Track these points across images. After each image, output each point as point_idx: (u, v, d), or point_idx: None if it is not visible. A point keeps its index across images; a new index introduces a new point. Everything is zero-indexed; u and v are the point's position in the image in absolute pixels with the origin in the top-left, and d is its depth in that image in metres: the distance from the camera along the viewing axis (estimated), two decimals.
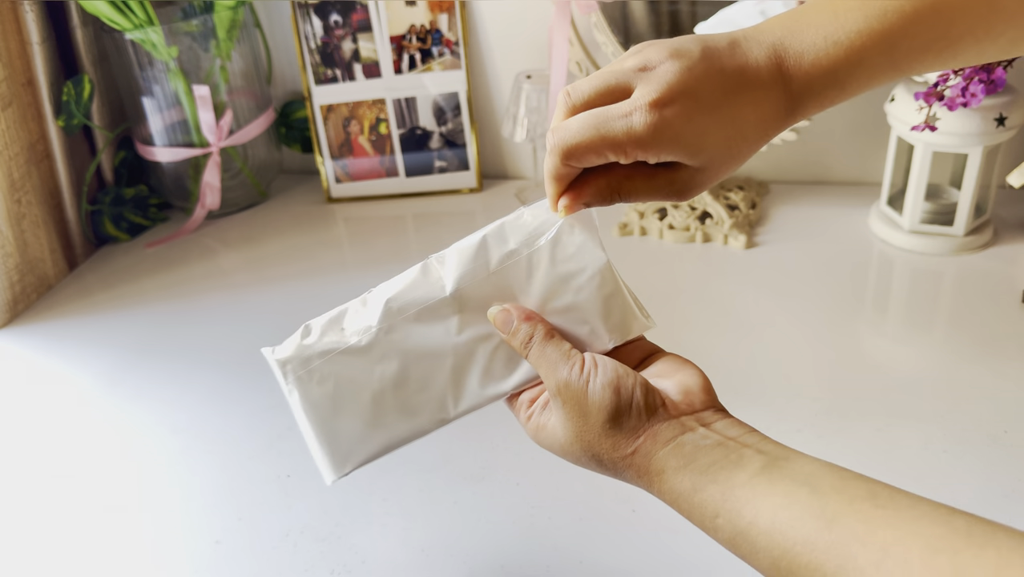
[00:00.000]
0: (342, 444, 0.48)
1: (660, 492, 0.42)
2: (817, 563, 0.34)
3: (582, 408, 0.43)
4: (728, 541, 0.39)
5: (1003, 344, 0.76)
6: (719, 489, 0.39)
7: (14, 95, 0.93)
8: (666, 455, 0.41)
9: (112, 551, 0.62)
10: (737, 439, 0.41)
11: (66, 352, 0.86)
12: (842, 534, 0.34)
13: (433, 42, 1.06)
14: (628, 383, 0.43)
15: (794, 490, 0.37)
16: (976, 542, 0.31)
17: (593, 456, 0.43)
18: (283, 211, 1.12)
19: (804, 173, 1.06)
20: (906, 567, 0.32)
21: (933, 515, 0.33)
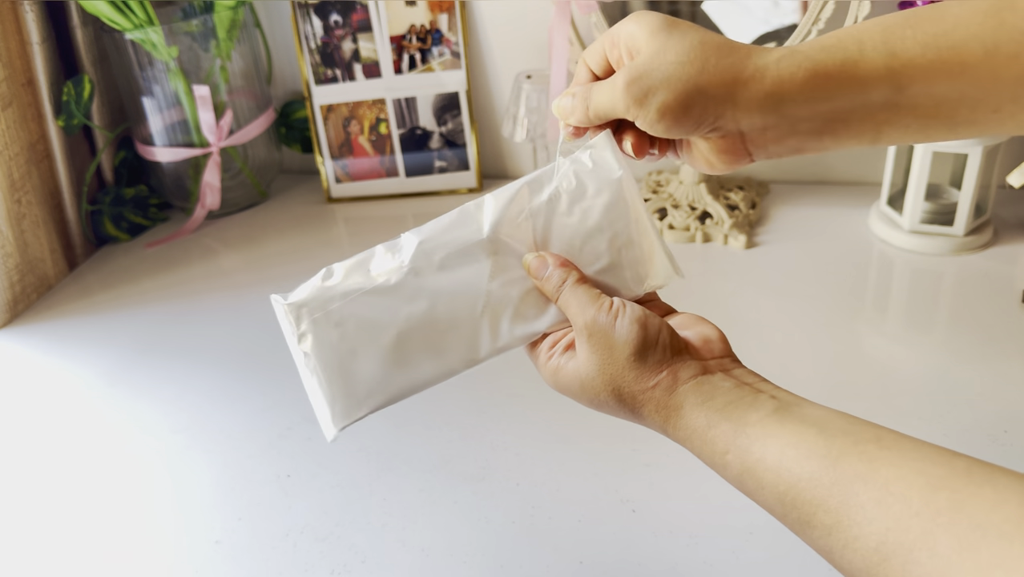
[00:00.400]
0: (358, 387, 0.48)
1: (675, 427, 0.43)
2: (820, 498, 0.36)
3: (608, 341, 0.44)
4: (735, 477, 0.40)
5: (1003, 344, 0.76)
6: (731, 426, 0.40)
7: (14, 95, 0.93)
8: (686, 391, 0.43)
9: (112, 551, 0.62)
10: (753, 385, 0.43)
11: (66, 352, 0.86)
12: (846, 472, 0.35)
13: (433, 42, 1.06)
14: (655, 322, 0.44)
15: (803, 431, 0.38)
16: (975, 481, 0.32)
17: (614, 389, 0.44)
18: (283, 211, 1.12)
19: (804, 173, 1.06)
20: (906, 503, 0.33)
21: (935, 457, 0.34)
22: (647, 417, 0.44)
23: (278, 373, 0.80)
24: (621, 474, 0.64)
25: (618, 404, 0.44)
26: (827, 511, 0.35)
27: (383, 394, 0.48)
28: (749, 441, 0.39)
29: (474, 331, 0.48)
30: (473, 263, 0.48)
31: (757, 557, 0.57)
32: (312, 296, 0.50)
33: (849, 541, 0.34)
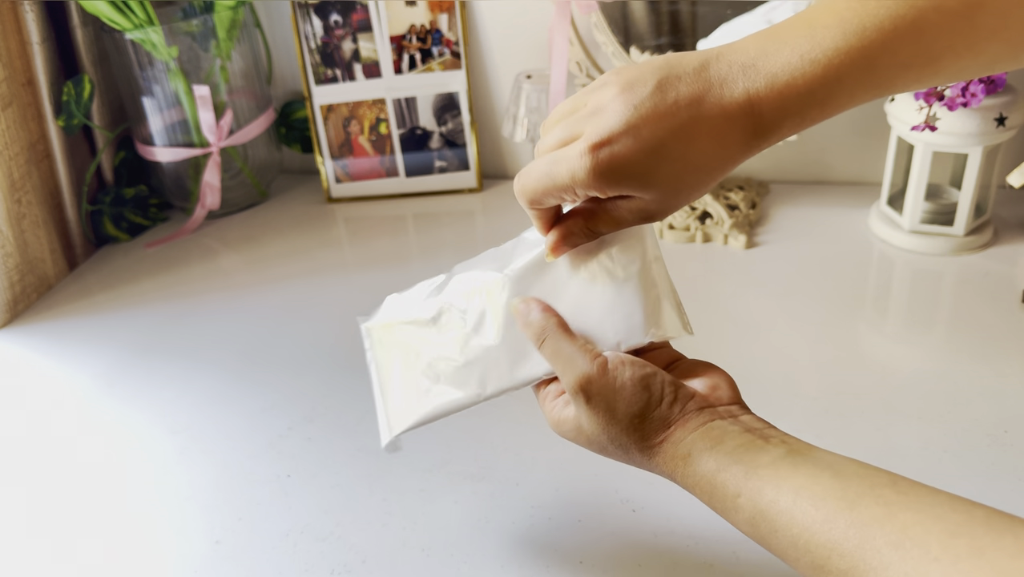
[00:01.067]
0: (397, 405, 0.53)
1: (684, 475, 0.42)
2: (835, 542, 0.35)
3: (609, 404, 0.43)
4: (747, 521, 0.39)
5: (1003, 344, 0.76)
6: (742, 469, 0.40)
7: (14, 95, 0.93)
8: (694, 439, 0.42)
9: (112, 551, 0.62)
10: (762, 430, 0.42)
11: (66, 352, 0.86)
12: (863, 514, 0.35)
13: (433, 42, 1.06)
14: (657, 380, 0.44)
15: (817, 473, 0.38)
16: (995, 529, 0.32)
17: (619, 446, 0.44)
18: (283, 211, 1.12)
19: (804, 173, 1.06)
20: (925, 548, 0.32)
21: (953, 503, 0.34)
22: (656, 468, 0.44)
23: (278, 373, 0.80)
24: (621, 474, 0.64)
25: (626, 457, 0.45)
26: (842, 555, 0.34)
27: (413, 417, 0.52)
28: (762, 483, 0.39)
29: (484, 368, 0.50)
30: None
31: (757, 558, 0.57)
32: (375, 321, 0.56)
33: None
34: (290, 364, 0.81)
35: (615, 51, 0.98)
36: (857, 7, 0.38)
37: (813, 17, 0.40)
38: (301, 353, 0.82)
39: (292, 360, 0.82)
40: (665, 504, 0.61)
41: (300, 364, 0.81)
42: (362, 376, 0.77)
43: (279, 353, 0.83)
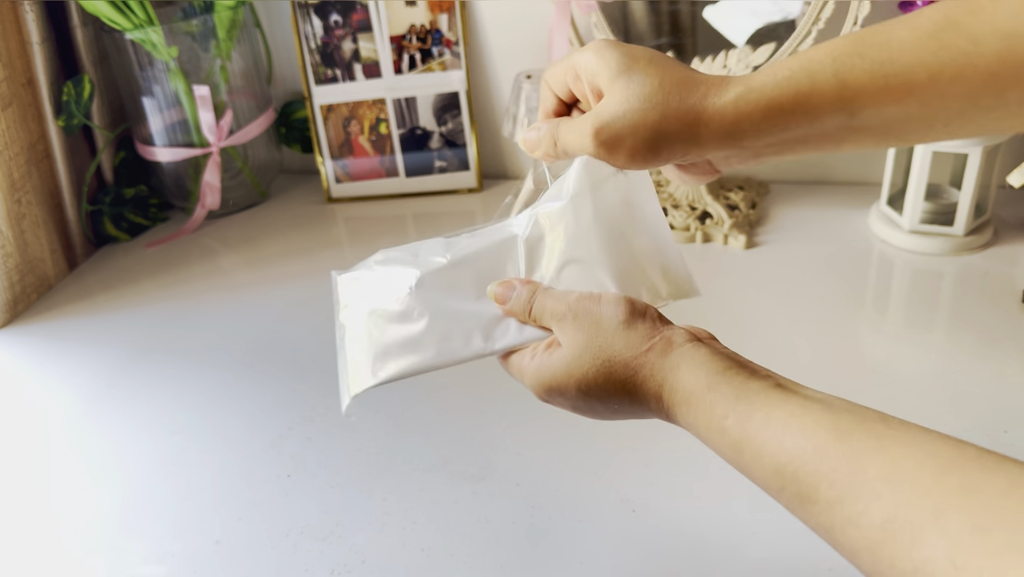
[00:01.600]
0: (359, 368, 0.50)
1: (672, 390, 0.42)
2: (825, 471, 0.35)
3: (594, 316, 0.44)
4: (732, 444, 0.39)
5: (1003, 344, 0.76)
6: (732, 390, 0.39)
7: (14, 95, 0.93)
8: (683, 352, 0.42)
9: (112, 550, 0.62)
10: (749, 364, 0.42)
11: (66, 352, 0.86)
12: (854, 446, 0.34)
13: (433, 42, 1.06)
14: (640, 301, 0.45)
15: (807, 404, 0.37)
16: (987, 466, 0.31)
17: (604, 362, 0.43)
18: (283, 211, 1.12)
19: (804, 173, 1.06)
20: (916, 481, 0.32)
21: (945, 440, 0.33)
22: (641, 385, 0.42)
23: (278, 373, 0.80)
24: (621, 474, 0.64)
25: (608, 380, 0.43)
26: (831, 484, 0.34)
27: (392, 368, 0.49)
28: (752, 407, 0.38)
29: (470, 329, 0.49)
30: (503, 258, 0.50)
31: (758, 557, 0.57)
32: (360, 266, 0.53)
33: (853, 517, 0.33)
34: (290, 364, 0.81)
35: None
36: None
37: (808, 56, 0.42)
38: (301, 353, 0.82)
39: (292, 360, 0.82)
40: (665, 504, 0.61)
41: (300, 364, 0.81)
42: None
43: (279, 353, 0.83)
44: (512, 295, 0.48)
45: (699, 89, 0.43)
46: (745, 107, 0.42)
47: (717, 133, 0.42)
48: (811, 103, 0.41)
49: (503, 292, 0.48)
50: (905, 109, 0.39)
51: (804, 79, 0.40)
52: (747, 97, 0.42)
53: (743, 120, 0.42)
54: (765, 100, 0.41)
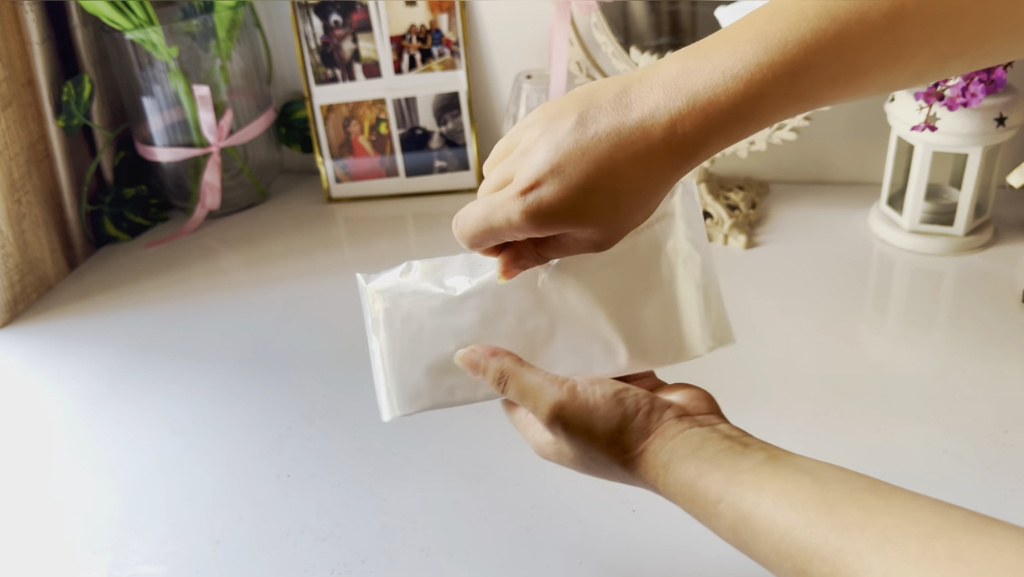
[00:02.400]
0: (410, 385, 0.50)
1: (665, 484, 0.43)
2: (816, 546, 0.35)
3: (586, 425, 0.43)
4: (729, 527, 0.39)
5: (1003, 344, 0.76)
6: (723, 475, 0.40)
7: (14, 95, 0.93)
8: (674, 446, 0.42)
9: (112, 550, 0.62)
10: (740, 437, 0.42)
11: (66, 352, 0.86)
12: (843, 519, 0.35)
13: (433, 42, 1.06)
14: (630, 392, 0.44)
15: (797, 478, 0.38)
16: (973, 530, 0.32)
17: (602, 464, 0.44)
18: (283, 211, 1.12)
19: (804, 173, 1.06)
20: (904, 551, 0.32)
21: (932, 507, 0.34)
22: (638, 479, 0.44)
23: (278, 373, 0.80)
24: None
25: (609, 474, 0.45)
26: (823, 559, 0.35)
27: (429, 399, 0.50)
28: (742, 489, 0.39)
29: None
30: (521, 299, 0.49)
31: None
32: (390, 287, 0.50)
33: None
34: (290, 364, 0.81)
35: (615, 51, 0.98)
36: (780, 22, 0.38)
37: (735, 32, 0.39)
38: (301, 353, 0.83)
39: (292, 360, 0.82)
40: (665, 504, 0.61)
41: (300, 364, 0.81)
42: (362, 376, 0.77)
43: (279, 353, 0.83)
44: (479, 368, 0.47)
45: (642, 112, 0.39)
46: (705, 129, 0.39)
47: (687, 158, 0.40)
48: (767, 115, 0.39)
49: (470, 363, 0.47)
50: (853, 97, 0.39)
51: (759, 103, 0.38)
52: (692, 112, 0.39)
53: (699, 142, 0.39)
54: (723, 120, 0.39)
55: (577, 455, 0.45)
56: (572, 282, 0.48)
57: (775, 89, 0.38)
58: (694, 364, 0.51)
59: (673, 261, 0.47)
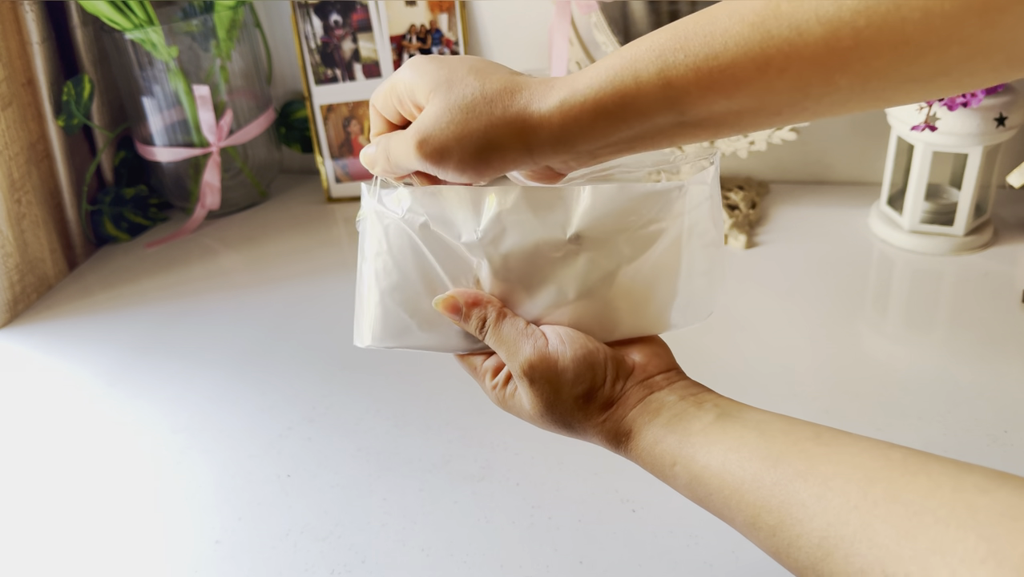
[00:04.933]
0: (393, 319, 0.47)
1: (627, 451, 0.44)
2: (763, 499, 0.37)
3: (553, 385, 0.44)
4: (685, 486, 0.41)
5: (1003, 344, 0.76)
6: (676, 438, 0.42)
7: (14, 95, 0.93)
8: (634, 415, 0.44)
9: (112, 550, 0.62)
10: (696, 395, 0.44)
11: (66, 352, 0.86)
12: (786, 471, 0.36)
13: (433, 42, 1.06)
14: (600, 357, 0.45)
15: (744, 434, 0.39)
16: (910, 470, 0.33)
17: (564, 424, 0.45)
18: (283, 211, 1.12)
19: (804, 173, 1.06)
20: (844, 497, 0.34)
21: (872, 450, 0.35)
22: (598, 442, 0.45)
23: (278, 373, 0.80)
24: (621, 474, 0.64)
25: (569, 433, 0.46)
26: (770, 511, 0.36)
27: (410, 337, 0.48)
28: (694, 450, 0.40)
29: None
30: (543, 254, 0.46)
31: (757, 557, 0.57)
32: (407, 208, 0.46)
33: (793, 539, 0.35)
34: (290, 364, 0.81)
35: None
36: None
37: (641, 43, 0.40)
38: (301, 353, 0.83)
39: (292, 360, 0.82)
40: (665, 504, 0.61)
41: (300, 364, 0.81)
42: (362, 376, 0.78)
43: (279, 353, 0.83)
44: (460, 316, 0.46)
45: (523, 95, 0.41)
46: (571, 112, 0.40)
47: (547, 141, 0.41)
48: (638, 104, 0.39)
49: (450, 308, 0.46)
50: (735, 103, 0.38)
51: (629, 79, 0.38)
52: (571, 101, 0.39)
53: (571, 125, 0.40)
54: (591, 104, 0.39)
55: (540, 411, 0.45)
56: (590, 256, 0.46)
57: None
58: (694, 363, 0.51)
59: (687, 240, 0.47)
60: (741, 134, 0.41)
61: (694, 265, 0.47)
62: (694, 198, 0.47)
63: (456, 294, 0.46)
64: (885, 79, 0.35)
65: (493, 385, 0.47)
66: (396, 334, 0.48)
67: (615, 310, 0.47)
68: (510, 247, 0.46)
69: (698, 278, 0.48)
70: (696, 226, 0.47)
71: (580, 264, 0.46)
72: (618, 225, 0.46)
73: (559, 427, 0.46)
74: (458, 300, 0.46)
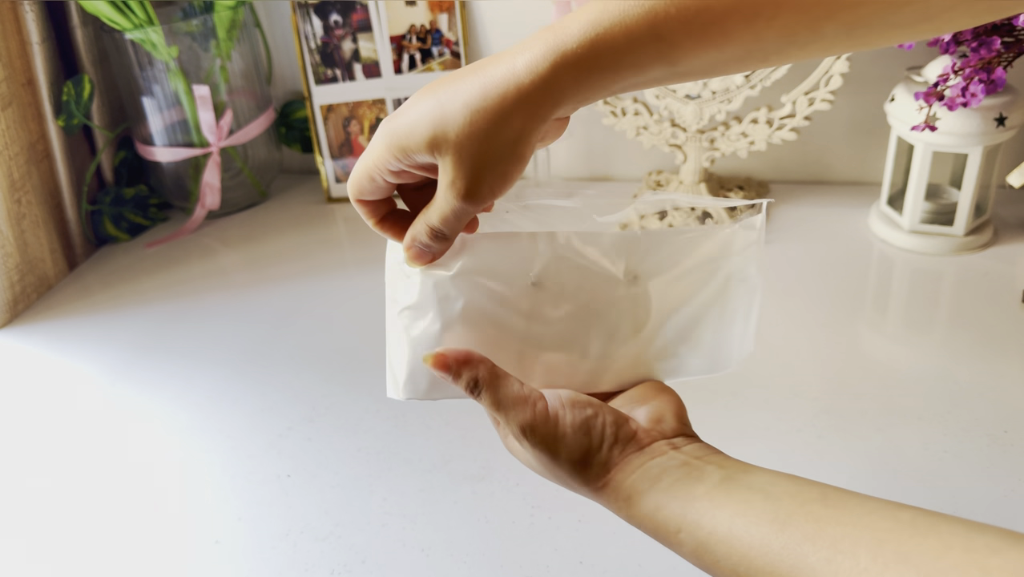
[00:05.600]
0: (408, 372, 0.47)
1: (629, 516, 0.43)
2: (772, 565, 0.36)
3: (551, 450, 0.44)
4: (692, 554, 0.40)
5: (1003, 344, 0.76)
6: (679, 504, 0.40)
7: (14, 95, 0.93)
8: (634, 481, 0.43)
9: (112, 551, 0.62)
10: (702, 457, 0.43)
11: (66, 352, 0.86)
12: (794, 535, 0.36)
13: (433, 42, 1.06)
14: (598, 422, 0.44)
15: (749, 497, 0.39)
16: (920, 531, 0.33)
17: (563, 484, 0.45)
18: (283, 211, 1.12)
19: (804, 173, 1.06)
20: (854, 560, 0.33)
21: (881, 511, 0.35)
22: (602, 504, 0.45)
23: (278, 373, 0.80)
24: None
25: (572, 489, 0.45)
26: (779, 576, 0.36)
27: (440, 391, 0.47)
28: (698, 516, 0.40)
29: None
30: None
31: None
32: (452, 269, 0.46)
33: None
34: (290, 364, 0.81)
35: None
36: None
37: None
38: (301, 353, 0.83)
39: (292, 360, 0.82)
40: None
41: (300, 364, 0.81)
42: (362, 376, 0.78)
43: (279, 353, 0.83)
44: (450, 374, 0.45)
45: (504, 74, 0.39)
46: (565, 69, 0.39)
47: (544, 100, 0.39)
48: (633, 61, 0.39)
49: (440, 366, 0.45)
50: (725, 53, 0.38)
51: (622, 40, 0.38)
52: (563, 63, 0.39)
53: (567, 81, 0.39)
54: (585, 63, 0.39)
55: (542, 469, 0.45)
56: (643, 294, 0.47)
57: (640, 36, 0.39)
58: None
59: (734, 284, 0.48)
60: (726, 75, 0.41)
61: (737, 309, 0.48)
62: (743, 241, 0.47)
63: (446, 352, 0.45)
64: (869, 26, 0.36)
65: (504, 433, 0.47)
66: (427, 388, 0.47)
67: (658, 351, 0.48)
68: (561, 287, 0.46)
69: (739, 322, 0.48)
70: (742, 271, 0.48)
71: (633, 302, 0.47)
72: (671, 265, 0.47)
73: (564, 485, 0.45)
74: (448, 357, 0.45)
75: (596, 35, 0.38)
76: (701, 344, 0.48)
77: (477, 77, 0.40)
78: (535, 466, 0.46)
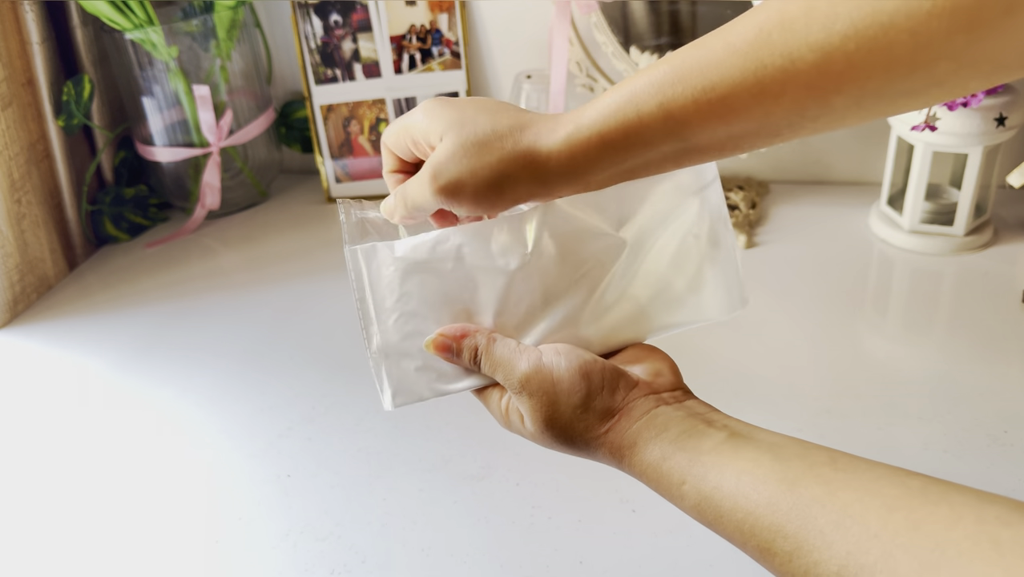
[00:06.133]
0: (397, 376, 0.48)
1: (631, 465, 0.43)
2: (779, 524, 0.36)
3: (551, 397, 0.44)
4: (694, 507, 0.40)
5: (1003, 344, 0.76)
6: (686, 456, 0.41)
7: (14, 95, 0.93)
8: (639, 428, 0.43)
9: (112, 551, 0.62)
10: (705, 415, 0.43)
11: (66, 352, 0.86)
12: (803, 496, 0.36)
13: (433, 42, 1.06)
14: (596, 366, 0.45)
15: (758, 456, 0.38)
16: (931, 500, 0.32)
17: (566, 440, 0.45)
18: (283, 211, 1.12)
19: (804, 173, 1.06)
20: (864, 525, 0.33)
21: (890, 477, 0.35)
22: (602, 459, 0.45)
23: (278, 373, 0.80)
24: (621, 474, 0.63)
25: (572, 450, 0.45)
26: (786, 537, 0.35)
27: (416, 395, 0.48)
28: (705, 469, 0.40)
29: None
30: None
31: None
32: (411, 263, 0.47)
33: (810, 567, 0.34)
34: (290, 364, 0.81)
35: (615, 51, 0.98)
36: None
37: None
38: (301, 353, 0.83)
39: (292, 360, 0.82)
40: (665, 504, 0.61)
41: (300, 364, 0.81)
42: (362, 376, 0.77)
43: (279, 353, 0.83)
44: (451, 352, 0.46)
45: (531, 131, 0.42)
46: (578, 145, 0.41)
47: (557, 173, 0.42)
48: (642, 135, 0.40)
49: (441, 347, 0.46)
50: (735, 128, 0.39)
51: (631, 112, 0.40)
52: (577, 136, 0.41)
53: (579, 157, 0.41)
54: (596, 137, 0.41)
55: (541, 427, 0.45)
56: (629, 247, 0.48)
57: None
58: (694, 364, 0.51)
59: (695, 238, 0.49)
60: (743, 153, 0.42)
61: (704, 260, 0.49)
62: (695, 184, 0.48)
63: (443, 331, 0.46)
64: (879, 96, 0.36)
65: (499, 405, 0.47)
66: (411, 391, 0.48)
67: (649, 302, 0.48)
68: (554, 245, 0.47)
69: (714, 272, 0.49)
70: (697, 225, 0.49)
71: (621, 255, 0.48)
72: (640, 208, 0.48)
73: (562, 442, 0.45)
74: (446, 336, 0.46)
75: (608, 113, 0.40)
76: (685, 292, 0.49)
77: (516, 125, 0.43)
78: (535, 426, 0.45)
